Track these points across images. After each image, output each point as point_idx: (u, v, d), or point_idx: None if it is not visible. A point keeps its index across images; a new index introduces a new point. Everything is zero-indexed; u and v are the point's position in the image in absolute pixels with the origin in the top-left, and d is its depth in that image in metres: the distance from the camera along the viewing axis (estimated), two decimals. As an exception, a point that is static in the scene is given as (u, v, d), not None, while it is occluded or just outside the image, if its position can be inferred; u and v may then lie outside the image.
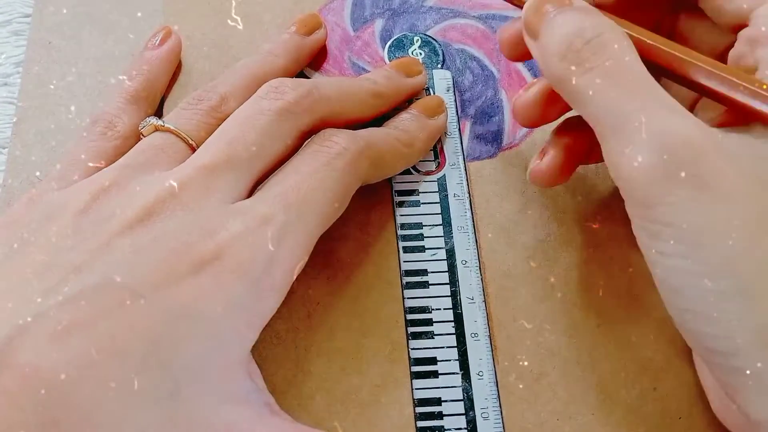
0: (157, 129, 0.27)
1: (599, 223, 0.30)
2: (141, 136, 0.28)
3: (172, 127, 0.27)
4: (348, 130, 0.27)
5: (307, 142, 0.27)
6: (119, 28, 0.34)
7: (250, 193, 0.26)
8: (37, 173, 0.30)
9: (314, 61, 0.33)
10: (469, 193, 0.31)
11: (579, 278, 0.29)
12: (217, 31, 0.34)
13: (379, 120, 0.30)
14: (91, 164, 0.27)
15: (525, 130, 0.32)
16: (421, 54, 0.33)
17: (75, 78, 0.32)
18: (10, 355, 0.20)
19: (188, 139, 0.27)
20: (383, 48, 0.34)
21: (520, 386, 0.27)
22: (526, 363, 0.28)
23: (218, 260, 0.23)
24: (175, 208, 0.24)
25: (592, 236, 0.30)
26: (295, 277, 0.25)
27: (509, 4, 0.26)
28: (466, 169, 0.31)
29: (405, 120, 0.30)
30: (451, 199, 0.30)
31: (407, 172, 0.31)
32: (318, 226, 0.26)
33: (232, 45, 0.33)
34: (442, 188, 0.31)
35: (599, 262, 0.29)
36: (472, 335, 0.28)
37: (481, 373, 0.27)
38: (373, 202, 0.30)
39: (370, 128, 0.29)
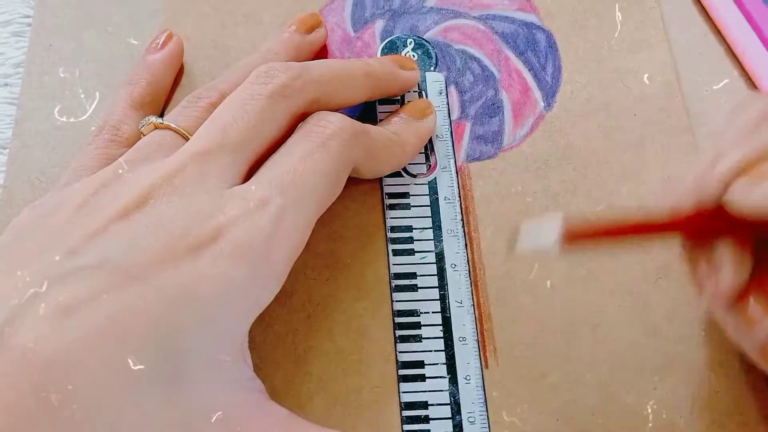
0: (156, 127, 0.27)
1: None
2: (141, 135, 0.28)
3: (171, 125, 0.27)
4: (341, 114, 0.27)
5: (300, 124, 0.27)
6: (120, 29, 0.34)
7: (247, 178, 0.25)
8: (38, 175, 0.30)
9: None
10: (460, 196, 0.31)
11: (579, 279, 0.29)
12: (218, 32, 0.34)
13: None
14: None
15: (526, 130, 0.32)
16: (414, 56, 0.33)
17: (76, 80, 0.32)
18: (7, 336, 0.20)
19: (187, 134, 0.27)
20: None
21: (521, 387, 0.27)
22: (526, 364, 0.28)
23: (216, 243, 0.23)
24: (171, 194, 0.24)
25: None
26: (292, 264, 0.25)
27: (509, 5, 0.26)
28: (457, 172, 0.31)
29: (395, 122, 0.30)
30: (441, 203, 0.30)
31: (398, 174, 0.31)
32: (314, 210, 0.26)
33: (232, 45, 0.33)
34: (433, 191, 0.31)
35: (599, 263, 0.29)
36: (460, 339, 0.28)
37: (468, 377, 0.27)
38: (373, 203, 0.30)
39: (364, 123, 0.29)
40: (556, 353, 0.28)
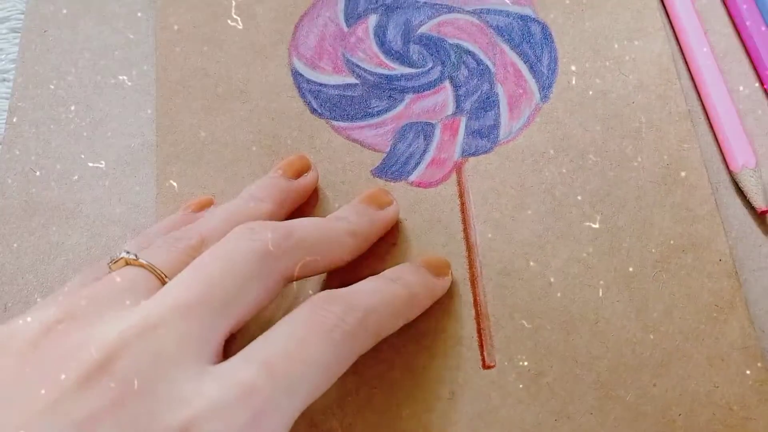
0: (128, 263, 0.24)
1: (598, 222, 0.29)
2: (109, 269, 0.24)
3: (144, 262, 0.24)
4: (345, 294, 0.24)
5: (301, 305, 0.24)
6: (115, 18, 0.33)
7: (225, 347, 0.22)
8: (32, 166, 0.30)
9: (308, 59, 0.33)
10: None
11: (578, 277, 0.28)
12: (210, 24, 0.33)
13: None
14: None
15: (522, 123, 0.31)
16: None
17: (70, 65, 0.32)
18: None
19: (163, 276, 0.24)
20: (377, 43, 0.33)
21: (520, 386, 0.27)
22: (525, 363, 0.27)
23: None
24: (141, 357, 0.20)
25: (591, 234, 0.29)
26: None
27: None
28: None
29: (406, 272, 0.27)
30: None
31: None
32: (304, 404, 0.22)
33: (224, 39, 0.33)
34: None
35: (598, 260, 0.29)
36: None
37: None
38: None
39: (364, 287, 0.26)
40: (554, 352, 0.27)
